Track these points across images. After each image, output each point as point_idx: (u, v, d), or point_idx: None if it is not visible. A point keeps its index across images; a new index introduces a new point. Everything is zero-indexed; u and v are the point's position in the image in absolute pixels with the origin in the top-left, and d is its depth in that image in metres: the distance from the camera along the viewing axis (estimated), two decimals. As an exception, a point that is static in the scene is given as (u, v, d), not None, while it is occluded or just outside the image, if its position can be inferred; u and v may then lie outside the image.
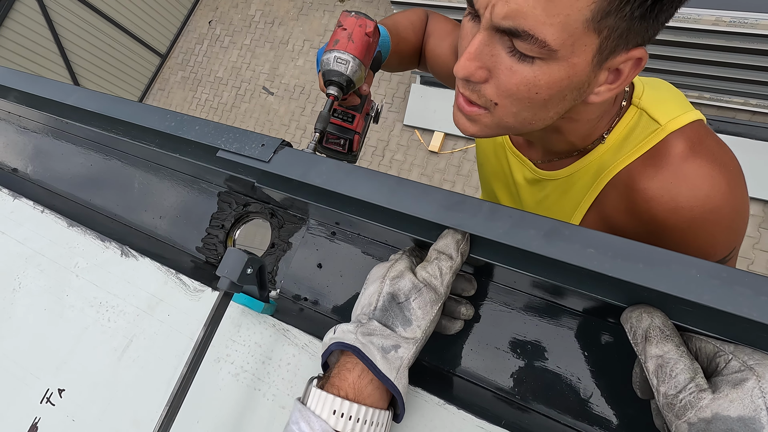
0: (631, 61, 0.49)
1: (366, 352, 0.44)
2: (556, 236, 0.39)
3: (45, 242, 0.73)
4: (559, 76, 0.48)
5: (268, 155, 0.54)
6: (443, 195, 0.45)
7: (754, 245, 2.82)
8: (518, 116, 0.54)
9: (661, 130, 0.60)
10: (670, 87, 0.67)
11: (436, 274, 0.47)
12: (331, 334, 0.48)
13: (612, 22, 0.43)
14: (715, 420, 0.33)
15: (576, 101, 0.53)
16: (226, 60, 5.32)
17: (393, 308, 0.47)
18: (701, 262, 0.34)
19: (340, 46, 0.67)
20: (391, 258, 0.53)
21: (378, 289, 0.49)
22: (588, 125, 0.63)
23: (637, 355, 0.39)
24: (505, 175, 0.87)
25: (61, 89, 0.69)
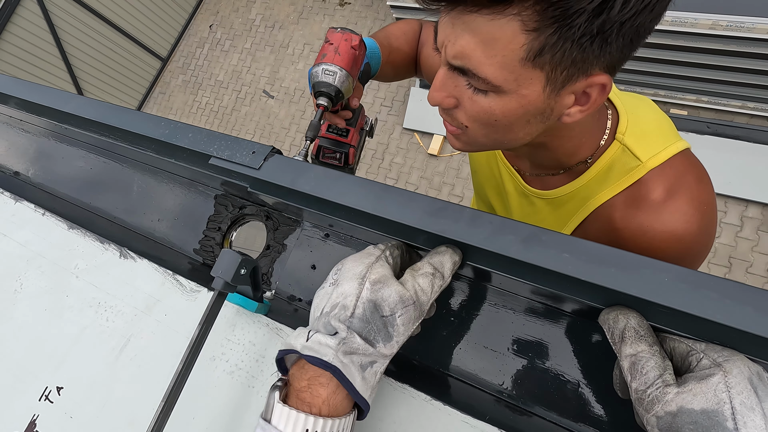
0: (596, 86, 0.51)
1: (347, 374, 0.42)
2: (533, 242, 0.41)
3: (46, 244, 0.75)
4: (512, 106, 0.51)
5: (258, 162, 0.56)
6: (427, 202, 0.47)
7: (753, 248, 2.83)
8: (488, 137, 0.58)
9: (642, 167, 0.64)
10: (655, 116, 0.69)
11: (427, 291, 0.46)
12: (302, 339, 0.44)
13: (550, 58, 0.46)
14: (680, 413, 0.35)
15: (546, 122, 0.56)
16: (226, 63, 5.35)
17: (376, 321, 0.44)
18: (672, 267, 0.36)
19: (327, 59, 0.70)
20: (368, 251, 0.49)
21: (356, 291, 0.45)
22: (571, 142, 0.65)
23: (616, 354, 0.41)
24: (497, 183, 0.89)
25: (60, 97, 0.71)
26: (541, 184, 0.78)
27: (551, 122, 0.56)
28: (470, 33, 0.47)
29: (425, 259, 0.49)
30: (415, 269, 0.48)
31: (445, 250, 0.48)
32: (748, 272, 2.80)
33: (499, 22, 0.44)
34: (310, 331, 0.45)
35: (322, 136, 0.89)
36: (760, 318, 0.32)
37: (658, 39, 2.60)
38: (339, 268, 0.48)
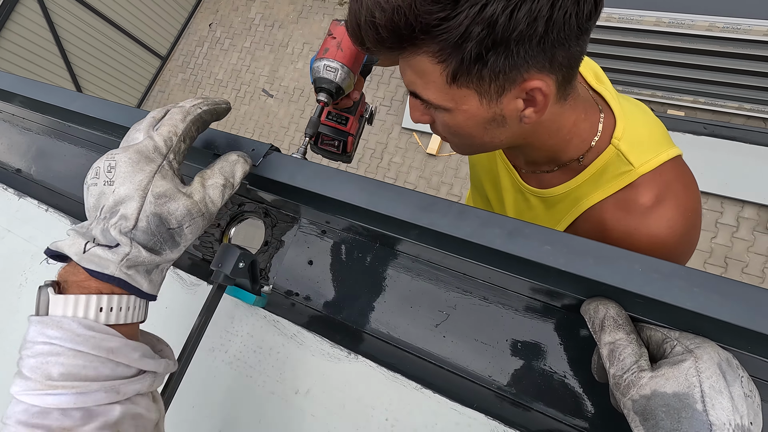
0: (533, 89, 0.54)
1: (133, 282, 0.42)
2: (517, 234, 0.43)
3: (50, 240, 0.77)
4: (460, 119, 0.59)
5: (257, 159, 0.58)
6: (418, 197, 0.49)
7: (749, 248, 2.85)
8: (463, 143, 0.67)
9: (633, 172, 0.67)
10: (651, 123, 0.72)
11: (217, 201, 0.48)
12: (77, 247, 0.41)
13: (468, 78, 0.52)
14: (653, 396, 0.37)
15: (506, 126, 0.60)
16: (226, 62, 5.37)
17: (162, 233, 0.44)
18: (645, 258, 0.38)
19: (330, 55, 0.71)
20: (147, 151, 0.45)
21: (137, 204, 0.43)
22: (554, 139, 0.68)
23: (596, 342, 0.44)
24: (494, 178, 0.92)
25: (65, 96, 0.73)
26: (537, 181, 0.80)
27: (515, 125, 0.60)
28: (409, 67, 0.55)
29: (217, 167, 0.50)
30: (205, 178, 0.48)
31: (236, 159, 0.52)
32: (744, 272, 2.82)
33: (417, 59, 0.52)
34: (87, 242, 0.42)
35: (322, 123, 0.90)
36: (726, 304, 0.35)
37: (655, 40, 2.62)
38: (112, 164, 0.44)
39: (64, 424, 0.37)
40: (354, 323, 0.66)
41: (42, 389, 0.37)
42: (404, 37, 0.50)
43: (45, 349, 0.38)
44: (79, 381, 0.38)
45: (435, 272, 0.64)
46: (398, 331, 0.63)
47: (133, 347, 0.42)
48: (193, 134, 0.50)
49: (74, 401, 0.37)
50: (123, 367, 0.41)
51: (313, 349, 0.58)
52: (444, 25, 0.47)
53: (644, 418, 0.38)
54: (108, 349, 0.39)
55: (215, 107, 0.53)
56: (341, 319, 0.67)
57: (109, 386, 0.39)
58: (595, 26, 0.52)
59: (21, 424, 0.37)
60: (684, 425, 0.36)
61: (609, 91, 0.72)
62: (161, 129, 0.46)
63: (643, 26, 2.57)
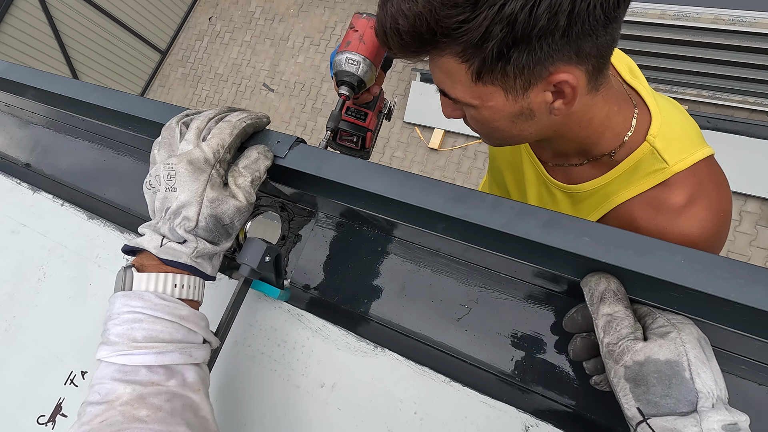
0: (561, 82, 0.54)
1: (201, 269, 0.52)
2: (554, 225, 0.43)
3: (66, 234, 0.77)
4: (487, 115, 0.60)
5: (283, 151, 0.57)
6: (449, 188, 0.49)
7: (751, 242, 2.85)
8: (493, 136, 0.67)
9: (667, 170, 0.66)
10: (685, 121, 0.71)
11: (253, 193, 0.55)
12: (155, 243, 0.50)
13: (493, 75, 0.53)
14: (647, 362, 0.39)
15: (535, 119, 0.60)
16: (226, 57, 5.34)
17: (219, 229, 0.53)
18: (685, 249, 0.38)
19: (352, 48, 0.70)
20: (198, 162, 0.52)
21: (196, 208, 0.51)
22: (585, 131, 0.67)
23: (591, 315, 0.45)
24: (517, 170, 0.91)
25: (82, 89, 0.72)
26: (564, 176, 0.79)
27: (545, 118, 0.60)
28: (436, 67, 0.57)
29: (241, 165, 0.55)
30: (236, 177, 0.55)
31: (257, 156, 0.56)
32: (746, 265, 2.82)
33: (442, 60, 0.54)
34: (163, 237, 0.50)
35: (341, 119, 0.88)
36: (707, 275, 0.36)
37: (660, 33, 2.61)
38: (171, 173, 0.51)
39: (152, 378, 0.44)
40: (374, 317, 0.66)
41: (128, 350, 0.44)
42: (427, 41, 0.51)
43: (129, 317, 0.46)
44: (158, 342, 0.45)
45: (456, 266, 0.64)
46: (419, 325, 0.63)
47: (200, 317, 0.50)
48: (236, 145, 0.57)
49: (155, 359, 0.45)
50: (193, 334, 0.49)
51: (338, 342, 0.57)
52: (464, 27, 0.48)
53: (636, 384, 0.39)
54: (180, 316, 0.47)
55: (258, 121, 0.60)
56: (361, 313, 0.67)
57: (182, 348, 0.47)
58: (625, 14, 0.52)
59: (116, 380, 0.44)
60: (674, 391, 0.38)
61: (644, 87, 0.71)
62: (211, 141, 0.53)
63: (648, 19, 2.55)
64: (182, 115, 0.57)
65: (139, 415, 0.41)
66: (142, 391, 0.43)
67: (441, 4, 0.47)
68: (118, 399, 0.42)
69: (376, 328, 0.64)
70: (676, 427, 0.36)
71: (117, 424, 0.40)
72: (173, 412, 0.43)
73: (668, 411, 0.38)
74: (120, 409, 0.42)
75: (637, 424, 0.39)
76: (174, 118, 0.56)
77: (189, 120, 0.56)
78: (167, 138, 0.55)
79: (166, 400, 0.44)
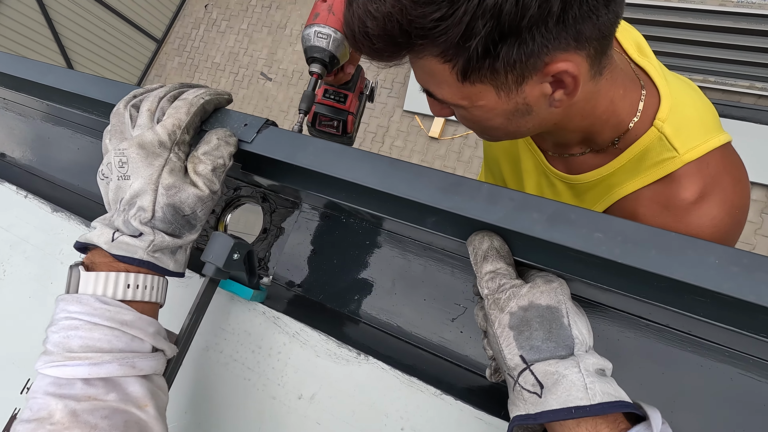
0: (560, 72, 0.47)
1: (160, 264, 0.47)
2: (560, 220, 0.37)
3: (30, 229, 0.71)
4: (479, 114, 0.54)
5: (250, 136, 0.51)
6: (439, 177, 0.42)
7: (756, 231, 2.80)
8: (489, 135, 0.61)
9: (677, 160, 0.59)
10: (700, 104, 0.64)
11: (216, 181, 0.49)
12: (105, 237, 0.45)
13: (481, 74, 0.47)
14: (530, 307, 0.40)
15: (533, 113, 0.53)
16: (223, 45, 5.24)
17: (178, 220, 0.48)
18: (717, 247, 0.32)
19: (320, 20, 0.64)
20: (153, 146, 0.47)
21: (151, 197, 0.46)
22: (586, 120, 0.60)
23: (475, 274, 0.44)
24: (515, 160, 0.84)
25: (37, 69, 0.66)
26: (564, 166, 0.72)
27: (544, 111, 0.53)
28: (419, 69, 0.51)
29: (200, 152, 0.49)
30: (195, 164, 0.49)
31: (217, 143, 0.50)
32: (753, 256, 2.77)
33: (424, 61, 0.48)
34: (115, 231, 0.45)
35: (319, 102, 0.84)
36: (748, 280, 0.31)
37: (665, 17, 2.53)
38: (123, 159, 0.47)
39: (89, 392, 0.40)
40: (361, 317, 0.60)
41: (61, 361, 0.40)
42: (401, 44, 0.45)
43: (66, 324, 0.42)
44: (94, 352, 0.41)
45: (451, 261, 0.58)
46: (410, 325, 0.58)
47: (148, 322, 0.45)
48: (196, 125, 0.51)
49: (89, 371, 0.40)
50: (138, 342, 0.43)
51: (318, 349, 0.52)
52: (441, 25, 0.42)
53: (519, 331, 0.40)
54: (122, 322, 0.42)
55: (217, 97, 0.54)
56: (348, 312, 0.61)
57: (123, 358, 0.41)
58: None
59: (49, 395, 0.39)
60: (554, 335, 0.39)
61: (653, 64, 0.63)
62: (166, 122, 0.48)
63: (652, 1, 2.47)
64: (129, 97, 0.51)
65: None
66: (75, 408, 0.39)
67: (412, 2, 0.41)
68: (50, 417, 0.38)
69: (362, 329, 0.58)
70: (558, 369, 0.37)
71: None
72: (111, 430, 0.39)
73: (549, 355, 0.38)
74: (49, 428, 0.37)
75: (518, 374, 0.39)
76: (121, 101, 0.50)
77: (138, 102, 0.50)
78: (116, 125, 0.49)
79: (103, 417, 0.39)
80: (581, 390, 0.36)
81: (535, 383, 0.38)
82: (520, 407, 0.38)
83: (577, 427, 0.36)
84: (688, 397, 0.47)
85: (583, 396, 0.35)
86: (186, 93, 0.52)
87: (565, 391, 0.36)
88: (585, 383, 0.36)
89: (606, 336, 0.51)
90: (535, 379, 0.38)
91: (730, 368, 0.46)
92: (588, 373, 0.37)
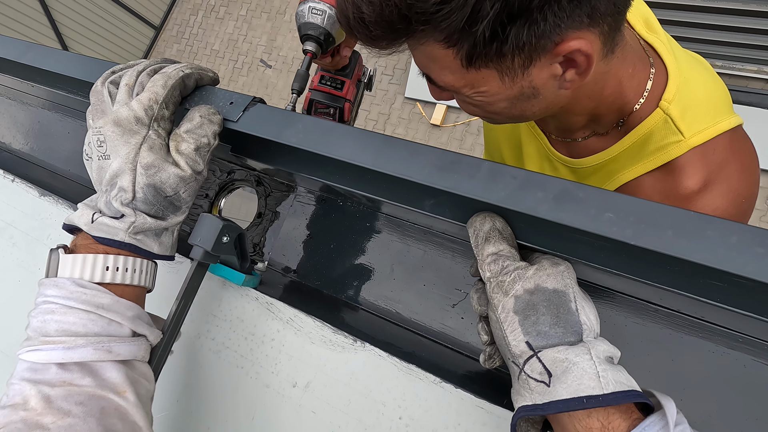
0: (572, 51, 0.44)
1: (144, 246, 0.45)
2: (567, 199, 0.34)
3: (17, 214, 0.69)
4: (481, 99, 0.51)
5: (236, 114, 0.49)
6: (436, 154, 0.40)
7: (761, 218, 2.78)
8: (493, 119, 0.57)
9: (683, 144, 0.56)
10: (711, 83, 0.60)
11: (200, 161, 0.47)
12: (86, 218, 0.44)
13: (486, 59, 0.44)
14: (536, 291, 0.38)
15: (540, 97, 0.51)
16: (222, 32, 5.18)
17: (160, 201, 0.46)
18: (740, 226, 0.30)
19: None
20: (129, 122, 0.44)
21: (129, 177, 0.44)
22: (592, 102, 0.57)
23: (475, 256, 0.42)
24: (517, 144, 0.81)
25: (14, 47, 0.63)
26: (567, 150, 0.69)
27: (551, 93, 0.50)
28: (420, 53, 0.48)
29: (183, 129, 0.47)
30: (178, 142, 0.46)
31: (200, 120, 0.47)
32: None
33: (425, 46, 0.45)
34: (95, 212, 0.44)
35: (315, 89, 0.82)
36: None
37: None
38: (101, 137, 0.45)
39: (63, 377, 0.39)
40: (359, 303, 0.58)
41: (37, 345, 0.39)
42: (400, 30, 0.42)
43: (44, 308, 0.41)
44: (69, 336, 0.40)
45: (451, 245, 0.56)
46: (410, 311, 0.56)
47: (127, 306, 0.43)
48: (176, 99, 0.48)
49: (62, 356, 0.39)
50: (115, 326, 0.42)
51: (312, 336, 0.50)
52: (445, 9, 0.39)
53: (525, 316, 0.37)
54: (98, 305, 0.41)
55: (199, 72, 0.51)
56: (345, 298, 0.59)
57: (98, 342, 0.40)
58: None
59: (25, 380, 0.38)
60: (562, 321, 0.37)
61: (662, 40, 0.59)
62: (141, 97, 0.45)
63: (658, -17, 2.42)
64: (108, 74, 0.48)
65: (43, 422, 0.36)
66: (49, 393, 0.38)
67: None
68: (24, 403, 0.37)
69: (359, 316, 0.56)
70: (568, 356, 0.35)
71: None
72: (86, 417, 0.38)
73: (558, 341, 0.36)
74: (23, 414, 0.37)
75: (525, 361, 0.37)
76: (99, 78, 0.48)
77: (118, 78, 0.48)
78: (96, 104, 0.47)
79: (78, 403, 0.38)
80: (593, 378, 0.33)
81: (542, 371, 0.35)
82: (525, 397, 0.36)
83: (587, 418, 0.33)
84: (698, 384, 0.45)
85: (595, 385, 0.33)
86: (166, 67, 0.49)
87: (576, 380, 0.34)
88: (597, 371, 0.34)
89: (612, 322, 0.49)
90: (542, 366, 0.35)
91: (743, 355, 0.44)
92: (600, 361, 0.34)
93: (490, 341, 0.42)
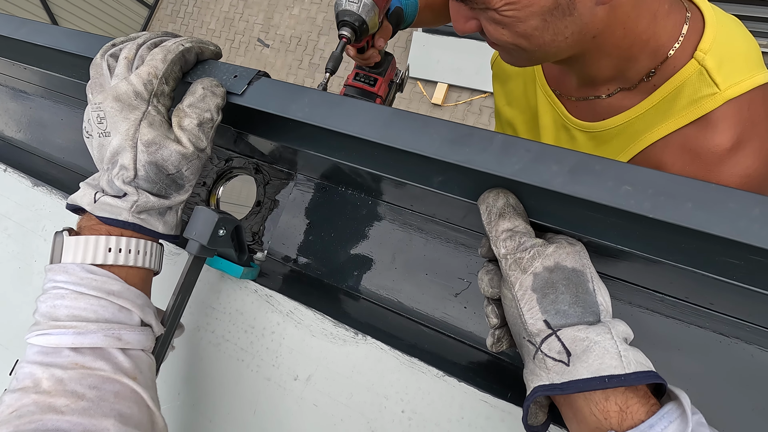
0: None
1: (148, 225, 0.44)
2: (583, 171, 0.33)
3: (11, 204, 0.68)
4: (514, 12, 0.49)
5: (241, 87, 0.47)
6: (448, 127, 0.38)
7: None
8: (520, 48, 0.55)
9: (718, 96, 0.53)
10: (747, 37, 0.57)
11: (203, 138, 0.46)
12: (88, 198, 0.43)
13: None
14: (556, 269, 0.37)
15: (573, 15, 0.49)
16: (217, 10, 5.07)
17: (163, 180, 0.44)
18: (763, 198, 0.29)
19: None
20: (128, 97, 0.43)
21: (130, 154, 0.42)
22: (626, 40, 0.54)
23: (488, 234, 0.40)
24: (532, 116, 0.79)
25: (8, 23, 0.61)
26: (589, 111, 0.66)
27: (586, 14, 0.49)
28: None
29: (185, 104, 0.46)
30: (180, 118, 0.45)
31: (203, 93, 0.46)
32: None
33: None
34: (97, 192, 0.43)
35: (349, 85, 0.87)
36: None
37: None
38: (100, 114, 0.43)
39: (77, 360, 0.38)
40: (360, 293, 0.57)
41: (47, 329, 0.39)
42: None
43: (54, 293, 0.40)
44: (80, 321, 0.39)
45: (454, 234, 0.55)
46: (412, 301, 0.55)
47: (137, 294, 0.42)
48: (176, 75, 0.47)
49: (72, 341, 0.38)
50: (125, 313, 0.41)
51: (313, 328, 0.49)
52: None
53: (543, 294, 0.36)
54: (109, 292, 0.40)
55: (200, 45, 0.49)
56: (346, 288, 0.58)
57: (109, 329, 0.40)
58: None
59: (35, 363, 0.38)
60: (580, 300, 0.36)
61: None
62: (141, 71, 0.44)
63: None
64: (108, 47, 0.46)
65: (55, 405, 0.35)
66: (62, 376, 0.37)
67: None
68: (35, 385, 0.37)
69: (360, 306, 0.56)
70: (589, 335, 0.34)
71: (28, 416, 0.35)
72: (100, 402, 0.37)
73: (577, 320, 0.35)
74: (34, 397, 0.36)
75: (542, 340, 0.35)
76: (99, 52, 0.46)
77: (118, 51, 0.46)
78: (95, 77, 0.45)
79: (91, 386, 0.37)
80: (615, 358, 0.32)
81: (561, 350, 0.34)
82: (542, 377, 0.35)
83: (605, 401, 0.32)
84: (705, 374, 0.44)
85: (617, 364, 0.32)
86: (167, 41, 0.48)
87: (598, 359, 0.32)
88: (619, 350, 0.33)
89: (618, 311, 0.48)
90: (561, 345, 0.34)
91: (750, 345, 0.44)
92: (620, 341, 0.33)
93: (499, 324, 0.40)
